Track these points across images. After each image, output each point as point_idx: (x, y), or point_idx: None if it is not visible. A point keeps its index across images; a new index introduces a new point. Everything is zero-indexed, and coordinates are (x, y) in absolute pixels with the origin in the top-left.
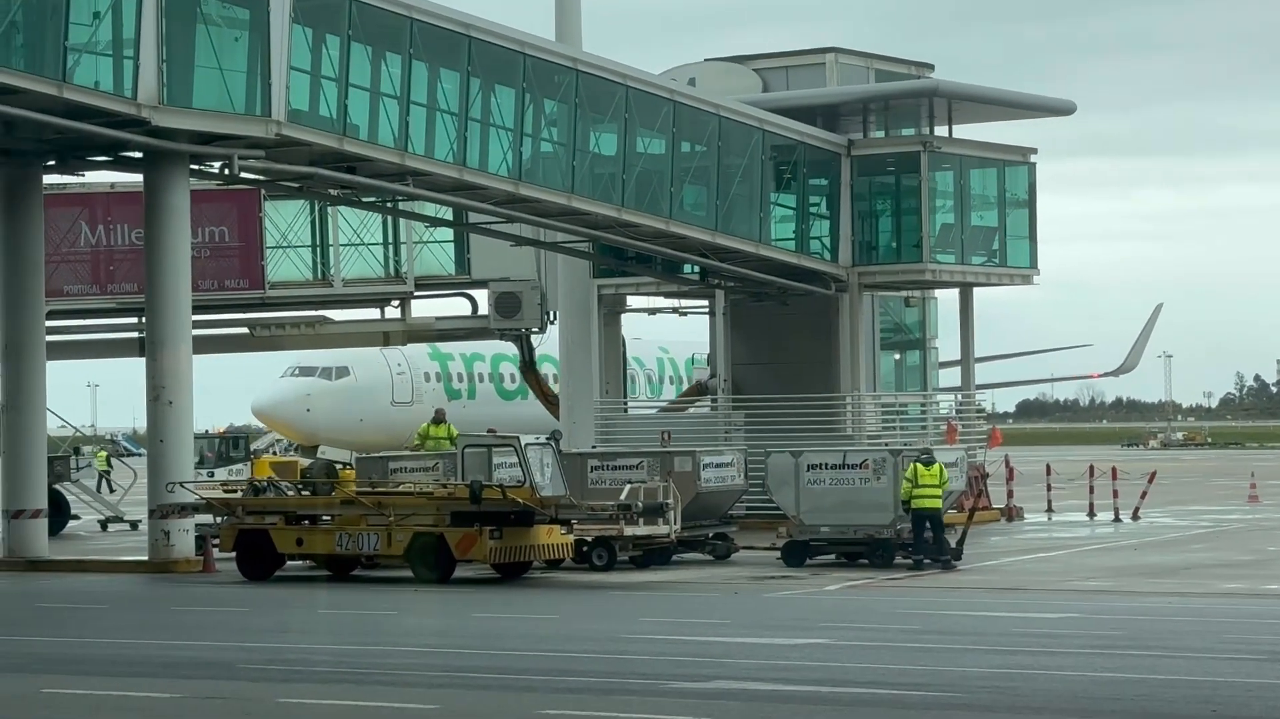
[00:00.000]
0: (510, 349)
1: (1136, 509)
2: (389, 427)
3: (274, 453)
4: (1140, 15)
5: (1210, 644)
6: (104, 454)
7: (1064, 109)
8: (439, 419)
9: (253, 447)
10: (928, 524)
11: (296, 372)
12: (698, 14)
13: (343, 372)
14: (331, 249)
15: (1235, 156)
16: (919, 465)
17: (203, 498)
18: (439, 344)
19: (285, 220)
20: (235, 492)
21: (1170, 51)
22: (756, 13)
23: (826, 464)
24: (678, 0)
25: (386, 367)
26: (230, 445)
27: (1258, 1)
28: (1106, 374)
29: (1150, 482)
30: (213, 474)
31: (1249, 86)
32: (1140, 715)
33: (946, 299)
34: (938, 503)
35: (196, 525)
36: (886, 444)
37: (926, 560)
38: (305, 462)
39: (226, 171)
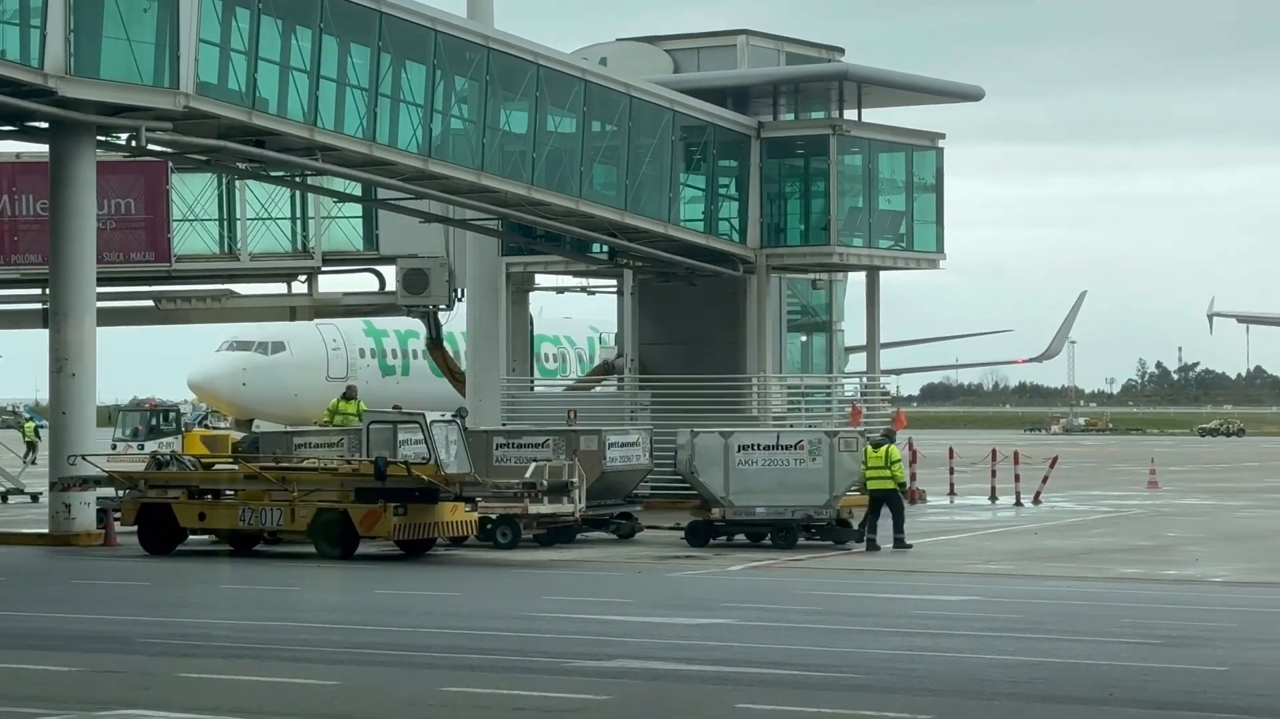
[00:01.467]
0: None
1: (1038, 493)
2: (324, 402)
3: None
4: (1053, 2)
5: (1108, 628)
6: (32, 425)
7: (972, 95)
8: (349, 395)
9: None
10: (882, 505)
11: (233, 345)
12: None
13: (279, 346)
14: (239, 223)
15: (1147, 144)
16: (869, 448)
17: (104, 471)
18: (373, 320)
19: (193, 193)
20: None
21: (1081, 39)
22: None
23: (759, 445)
24: None
25: (322, 342)
26: (161, 418)
27: None
28: (1030, 360)
29: (1052, 466)
30: (143, 447)
31: (1161, 75)
32: (1037, 698)
33: (860, 283)
34: (886, 484)
35: (98, 498)
36: (791, 424)
37: (881, 544)
38: (238, 435)
39: (134, 143)
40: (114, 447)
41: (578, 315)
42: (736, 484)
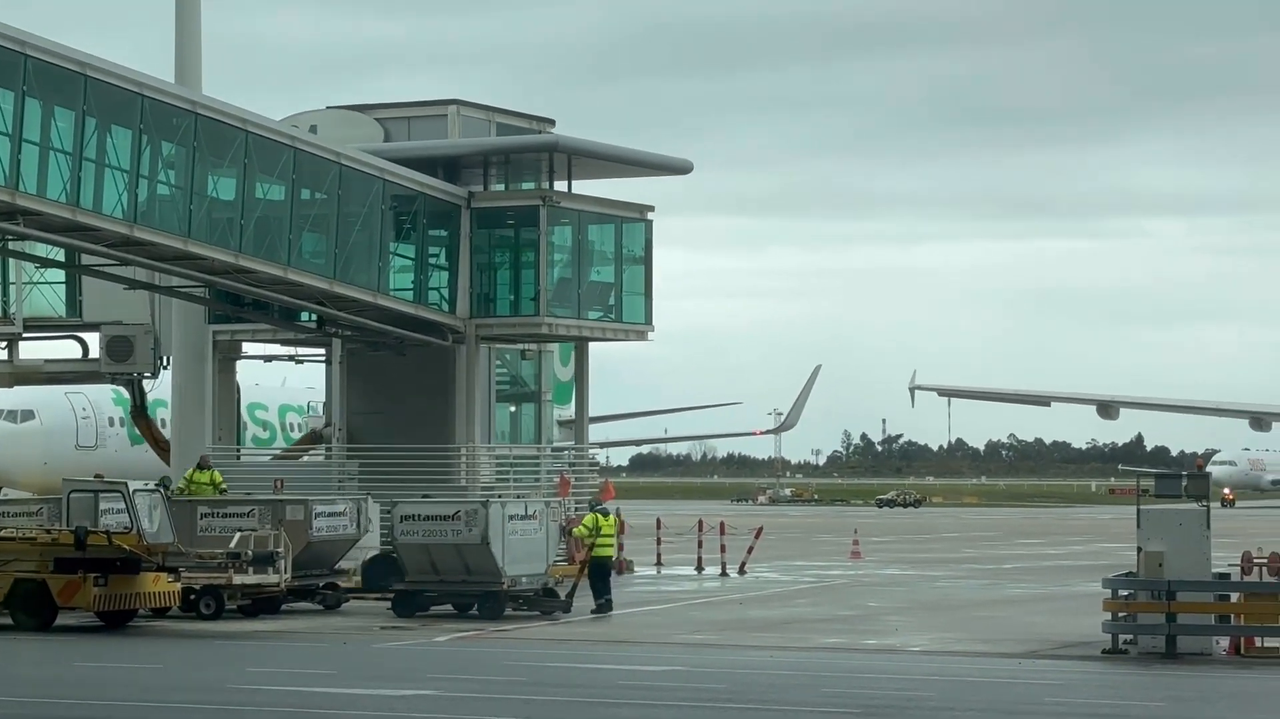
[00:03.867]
0: None
1: (743, 563)
2: (73, 470)
3: None
4: (773, 77)
5: (809, 698)
6: None
7: (681, 168)
8: (204, 465)
9: None
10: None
11: None
12: (321, 60)
13: (28, 414)
14: None
15: (857, 218)
16: (599, 516)
17: None
18: (122, 389)
19: None
20: None
21: (791, 113)
22: (381, 61)
23: (518, 515)
24: (301, 46)
25: (72, 411)
26: None
27: (886, 68)
28: (768, 431)
29: (757, 537)
30: None
31: (874, 150)
32: None
33: (596, 355)
34: (612, 550)
35: None
36: (499, 495)
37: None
38: None
39: None
40: None
41: (320, 384)
42: (509, 554)
